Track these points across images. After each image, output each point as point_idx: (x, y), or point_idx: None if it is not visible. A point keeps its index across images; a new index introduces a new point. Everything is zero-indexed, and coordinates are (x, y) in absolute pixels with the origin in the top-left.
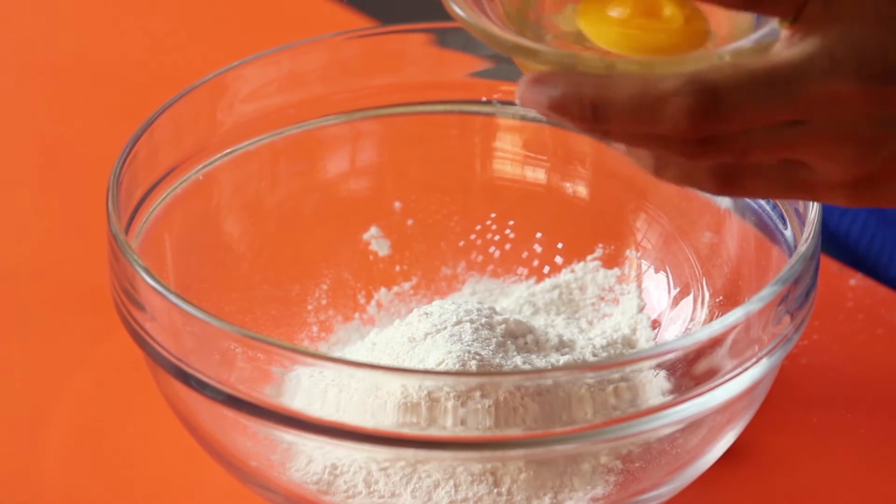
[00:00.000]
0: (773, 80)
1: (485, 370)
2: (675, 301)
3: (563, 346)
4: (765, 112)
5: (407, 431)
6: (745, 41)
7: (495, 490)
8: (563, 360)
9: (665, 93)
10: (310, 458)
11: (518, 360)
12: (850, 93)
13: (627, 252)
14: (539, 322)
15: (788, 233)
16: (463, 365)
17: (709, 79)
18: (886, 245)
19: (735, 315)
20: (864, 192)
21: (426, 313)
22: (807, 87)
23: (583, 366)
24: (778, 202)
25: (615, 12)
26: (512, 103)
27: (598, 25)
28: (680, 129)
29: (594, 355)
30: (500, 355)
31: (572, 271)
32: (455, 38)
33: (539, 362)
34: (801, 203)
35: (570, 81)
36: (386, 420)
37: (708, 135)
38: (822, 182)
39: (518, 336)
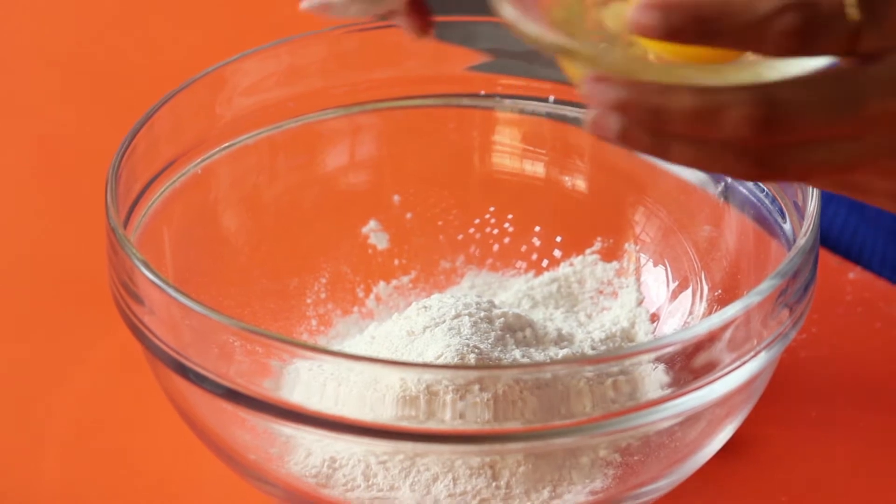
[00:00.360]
0: (835, 96)
1: (483, 364)
2: (674, 294)
3: (561, 339)
4: (826, 126)
5: (405, 425)
6: (804, 64)
7: (494, 483)
8: (561, 353)
9: (729, 101)
10: (308, 451)
11: (517, 354)
12: None
13: (626, 245)
14: (538, 316)
15: (787, 226)
16: (462, 358)
17: (773, 89)
18: (867, 241)
19: (734, 309)
20: None
21: (425, 307)
22: (868, 105)
23: (581, 359)
24: (776, 195)
25: None
26: (510, 97)
27: None
28: (740, 137)
29: (593, 349)
30: (499, 349)
31: (571, 265)
32: (453, 32)
33: (538, 356)
34: (799, 196)
35: (634, 86)
36: (384, 413)
37: (767, 144)
38: (874, 190)
39: (517, 330)
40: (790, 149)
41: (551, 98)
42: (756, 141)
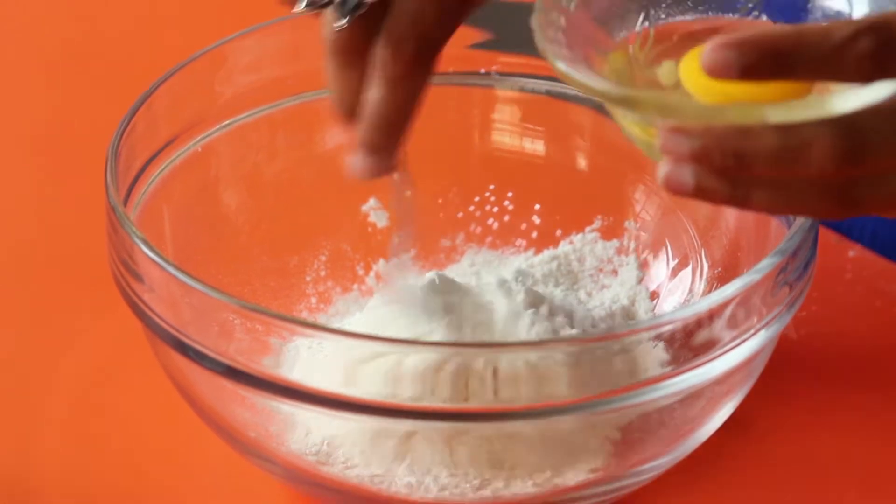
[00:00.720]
0: None
1: (483, 342)
2: (674, 272)
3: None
4: None
5: (406, 402)
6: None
7: (491, 462)
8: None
9: (812, 136)
10: (308, 429)
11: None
12: None
13: (626, 224)
14: None
15: None
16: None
17: (855, 119)
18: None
19: (734, 286)
20: None
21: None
22: None
23: (582, 337)
24: None
25: None
26: (510, 74)
27: (701, 79)
28: (825, 173)
29: (593, 326)
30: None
31: (571, 243)
32: None
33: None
34: None
35: (711, 132)
36: (384, 391)
37: (848, 178)
38: None
39: (532, 307)
40: (870, 181)
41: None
42: (842, 174)
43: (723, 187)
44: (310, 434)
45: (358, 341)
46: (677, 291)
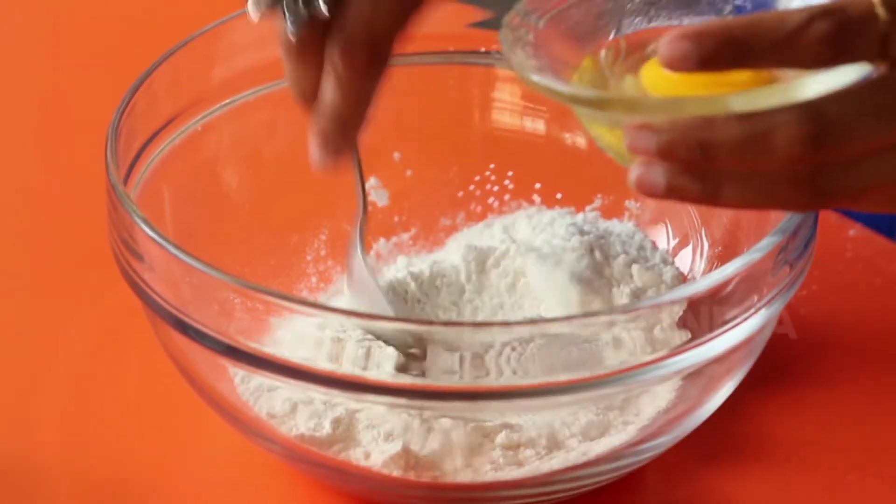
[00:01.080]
0: (880, 102)
1: (483, 322)
2: (674, 251)
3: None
4: (877, 134)
5: (410, 381)
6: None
7: (494, 443)
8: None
9: (777, 121)
10: (311, 408)
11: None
12: None
13: (626, 203)
14: None
15: None
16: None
17: (819, 104)
18: None
19: (734, 265)
20: None
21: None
22: None
23: (578, 316)
24: None
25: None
26: None
27: (664, 83)
28: (792, 161)
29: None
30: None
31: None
32: None
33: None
34: None
35: (675, 125)
36: (388, 370)
37: (820, 162)
38: None
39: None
40: (842, 168)
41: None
42: (808, 160)
43: (693, 184)
44: (312, 413)
45: (359, 321)
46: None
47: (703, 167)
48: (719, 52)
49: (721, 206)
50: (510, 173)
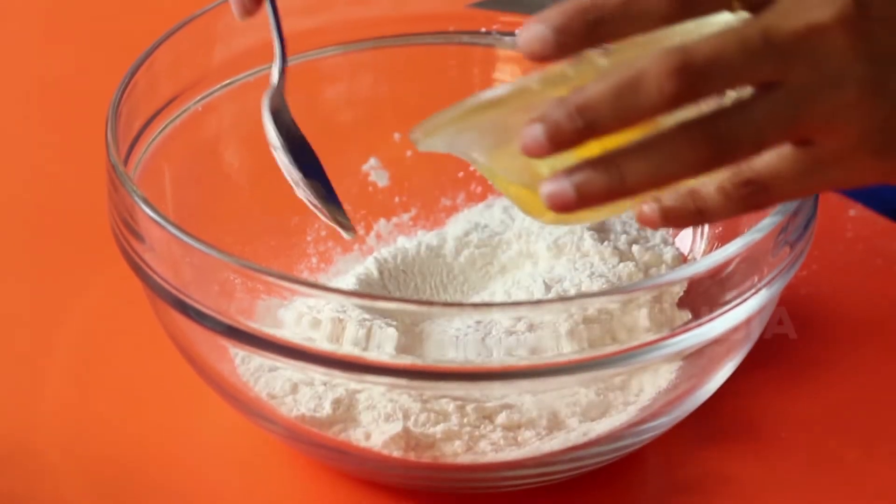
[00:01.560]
0: (743, 36)
1: (483, 302)
2: (675, 232)
3: (559, 279)
4: (745, 68)
5: (410, 362)
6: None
7: (491, 425)
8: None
9: (641, 66)
10: (311, 389)
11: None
12: (828, 28)
13: None
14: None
15: None
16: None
17: (680, 45)
18: None
19: (734, 246)
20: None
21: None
22: (780, 30)
23: (578, 297)
24: None
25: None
26: (511, 34)
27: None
28: (665, 95)
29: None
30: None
31: None
32: None
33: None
34: None
35: (552, 106)
36: (388, 351)
37: (711, 114)
38: (839, 152)
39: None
40: (735, 114)
41: None
42: (684, 95)
43: (598, 177)
44: (313, 394)
45: (359, 301)
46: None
47: (589, 135)
48: (573, 28)
49: (632, 192)
50: None
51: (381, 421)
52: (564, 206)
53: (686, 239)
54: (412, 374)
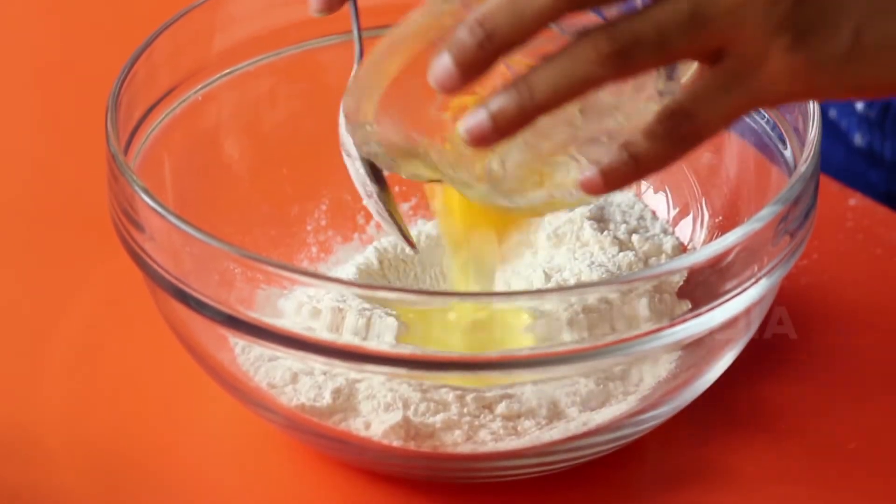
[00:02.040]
0: None
1: (482, 292)
2: (675, 221)
3: (558, 268)
4: None
5: (410, 352)
6: None
7: (491, 415)
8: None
9: None
10: (311, 378)
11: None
12: None
13: None
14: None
15: (788, 153)
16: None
17: None
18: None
19: (735, 235)
20: (807, 40)
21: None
22: None
23: (578, 286)
24: (777, 121)
25: None
26: None
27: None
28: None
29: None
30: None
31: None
32: None
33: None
34: (800, 122)
35: (453, 33)
36: (388, 340)
37: (609, 22)
38: (752, 58)
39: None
40: (637, 19)
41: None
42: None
43: (509, 98)
44: (313, 383)
45: (359, 291)
46: None
47: (496, 48)
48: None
49: (543, 104)
50: None
51: (380, 410)
52: (483, 137)
53: (686, 228)
54: (412, 363)
